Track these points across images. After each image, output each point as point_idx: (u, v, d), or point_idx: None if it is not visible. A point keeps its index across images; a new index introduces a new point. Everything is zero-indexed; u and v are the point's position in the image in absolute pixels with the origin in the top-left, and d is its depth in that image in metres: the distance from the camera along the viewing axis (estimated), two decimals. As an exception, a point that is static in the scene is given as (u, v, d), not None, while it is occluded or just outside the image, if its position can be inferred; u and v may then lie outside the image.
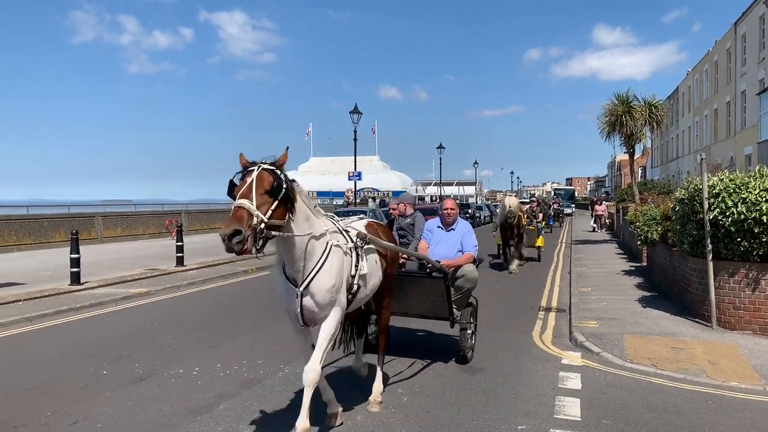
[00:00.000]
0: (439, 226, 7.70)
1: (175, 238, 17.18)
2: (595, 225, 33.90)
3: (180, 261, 16.40)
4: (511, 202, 16.73)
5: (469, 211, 42.28)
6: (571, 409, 5.70)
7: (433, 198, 68.36)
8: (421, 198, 71.22)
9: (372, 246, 5.47)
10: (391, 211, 8.89)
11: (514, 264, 16.30)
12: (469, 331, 7.25)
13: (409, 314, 7.46)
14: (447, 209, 7.65)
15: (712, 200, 8.70)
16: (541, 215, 20.98)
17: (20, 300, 11.15)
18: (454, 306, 7.09)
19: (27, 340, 8.83)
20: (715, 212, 8.61)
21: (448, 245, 7.46)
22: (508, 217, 16.06)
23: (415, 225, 8.19)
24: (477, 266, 7.47)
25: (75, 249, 13.02)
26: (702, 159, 9.11)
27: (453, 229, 7.59)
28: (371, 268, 5.39)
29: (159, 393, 6.24)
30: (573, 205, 65.42)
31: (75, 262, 12.97)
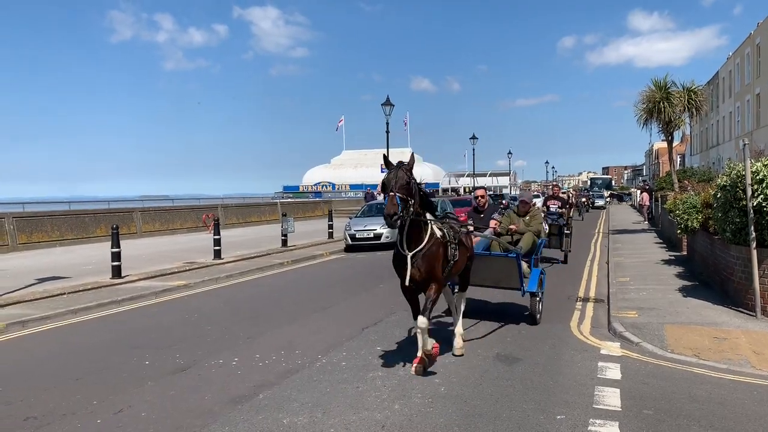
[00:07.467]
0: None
1: (212, 231, 17.44)
2: (642, 217, 31.95)
3: (218, 254, 16.66)
4: None
5: (503, 201, 41.93)
6: (611, 399, 5.63)
7: (467, 189, 67.95)
8: (455, 189, 70.90)
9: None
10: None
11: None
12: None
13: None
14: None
15: (755, 186, 8.46)
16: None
17: (65, 293, 11.48)
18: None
19: (72, 332, 9.09)
20: (759, 199, 8.38)
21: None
22: None
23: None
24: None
25: (116, 243, 13.32)
26: (745, 144, 8.86)
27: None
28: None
29: (200, 383, 6.37)
30: (607, 196, 63.31)
31: (116, 256, 13.28)
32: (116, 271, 13.23)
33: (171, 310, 10.66)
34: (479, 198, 9.70)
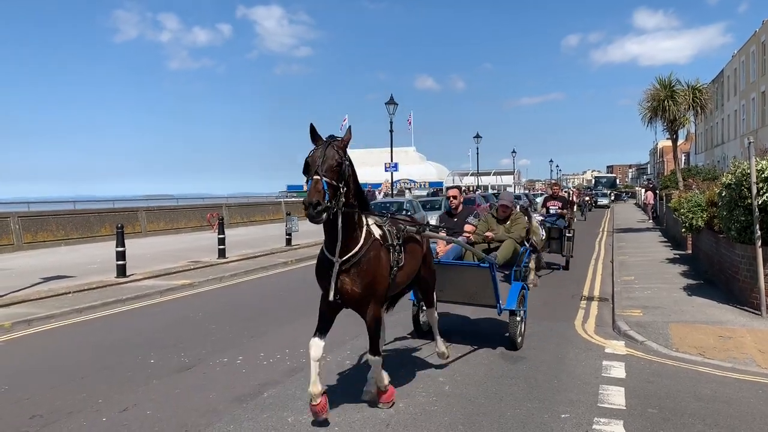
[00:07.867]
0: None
1: (216, 230, 17.46)
2: (646, 216, 32.21)
3: (222, 253, 16.68)
4: None
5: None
6: (615, 397, 5.63)
7: (471, 188, 67.90)
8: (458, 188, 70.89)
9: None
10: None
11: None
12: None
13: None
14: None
15: (760, 185, 8.44)
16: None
17: (70, 292, 11.51)
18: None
19: (77, 331, 9.12)
20: (764, 197, 8.36)
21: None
22: None
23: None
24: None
25: (120, 242, 13.35)
26: (750, 142, 8.83)
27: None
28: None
29: (204, 381, 6.39)
30: (611, 194, 62.96)
31: (121, 255, 13.30)
32: (121, 270, 13.26)
33: (175, 309, 10.68)
34: (452, 199, 8.51)
